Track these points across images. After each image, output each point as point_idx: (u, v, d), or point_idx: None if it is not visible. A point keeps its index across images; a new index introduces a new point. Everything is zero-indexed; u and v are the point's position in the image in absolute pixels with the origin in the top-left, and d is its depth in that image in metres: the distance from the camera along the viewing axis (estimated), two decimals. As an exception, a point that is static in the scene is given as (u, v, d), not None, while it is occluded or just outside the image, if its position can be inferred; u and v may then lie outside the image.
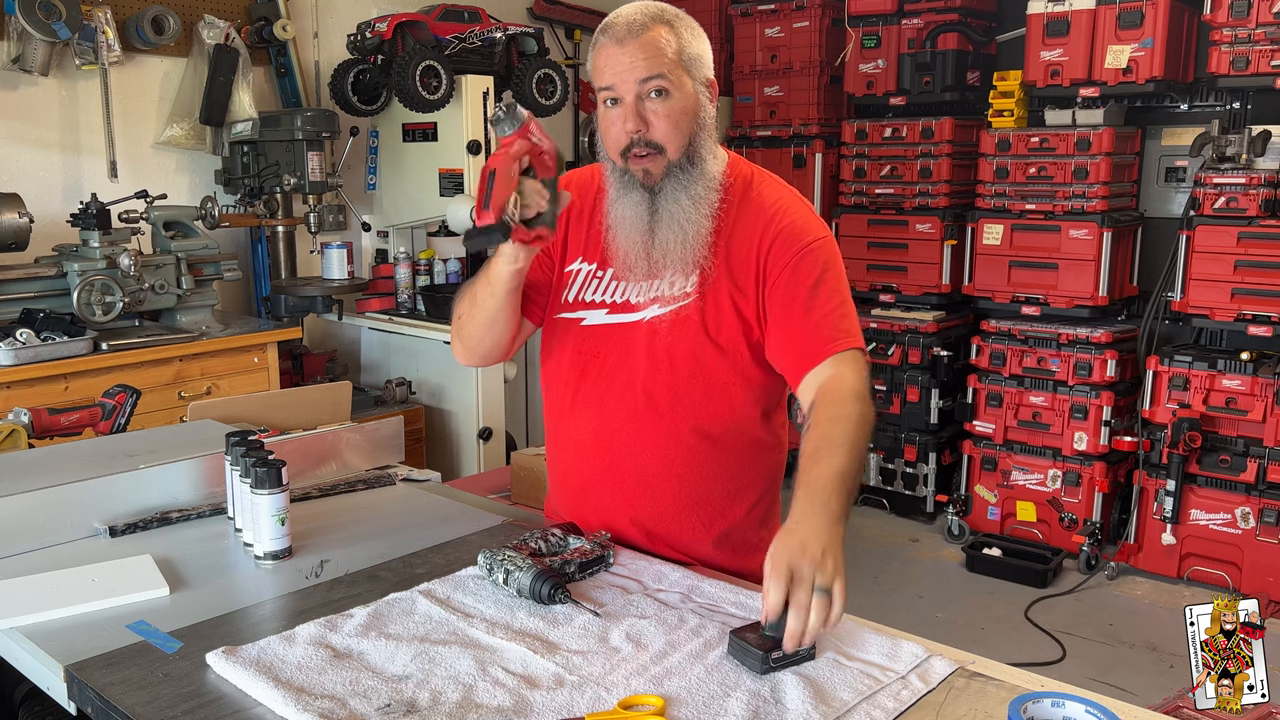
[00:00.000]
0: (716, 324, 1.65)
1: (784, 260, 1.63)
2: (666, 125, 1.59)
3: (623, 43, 1.57)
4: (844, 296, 1.65)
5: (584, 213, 1.74)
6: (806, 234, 1.65)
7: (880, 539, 4.62)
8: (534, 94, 4.26)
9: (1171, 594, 3.98)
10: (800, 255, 1.62)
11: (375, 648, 1.33)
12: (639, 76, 1.56)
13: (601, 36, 1.61)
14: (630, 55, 1.56)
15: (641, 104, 1.58)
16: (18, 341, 3.03)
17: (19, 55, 3.49)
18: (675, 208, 1.62)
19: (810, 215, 1.69)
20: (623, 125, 1.59)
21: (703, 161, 1.63)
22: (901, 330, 4.69)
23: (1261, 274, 3.78)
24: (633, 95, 1.57)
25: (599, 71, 1.61)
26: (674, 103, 1.58)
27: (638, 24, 1.58)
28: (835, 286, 1.63)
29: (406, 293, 4.27)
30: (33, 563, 1.62)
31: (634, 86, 1.57)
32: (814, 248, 1.63)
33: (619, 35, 1.58)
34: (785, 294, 1.62)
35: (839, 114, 5.16)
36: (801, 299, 1.61)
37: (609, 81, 1.59)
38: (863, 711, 1.21)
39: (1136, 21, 4.05)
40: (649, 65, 1.56)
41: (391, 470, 2.12)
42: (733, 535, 1.74)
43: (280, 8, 4.09)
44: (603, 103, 1.62)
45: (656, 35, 1.58)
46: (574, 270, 1.74)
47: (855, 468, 1.45)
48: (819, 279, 1.62)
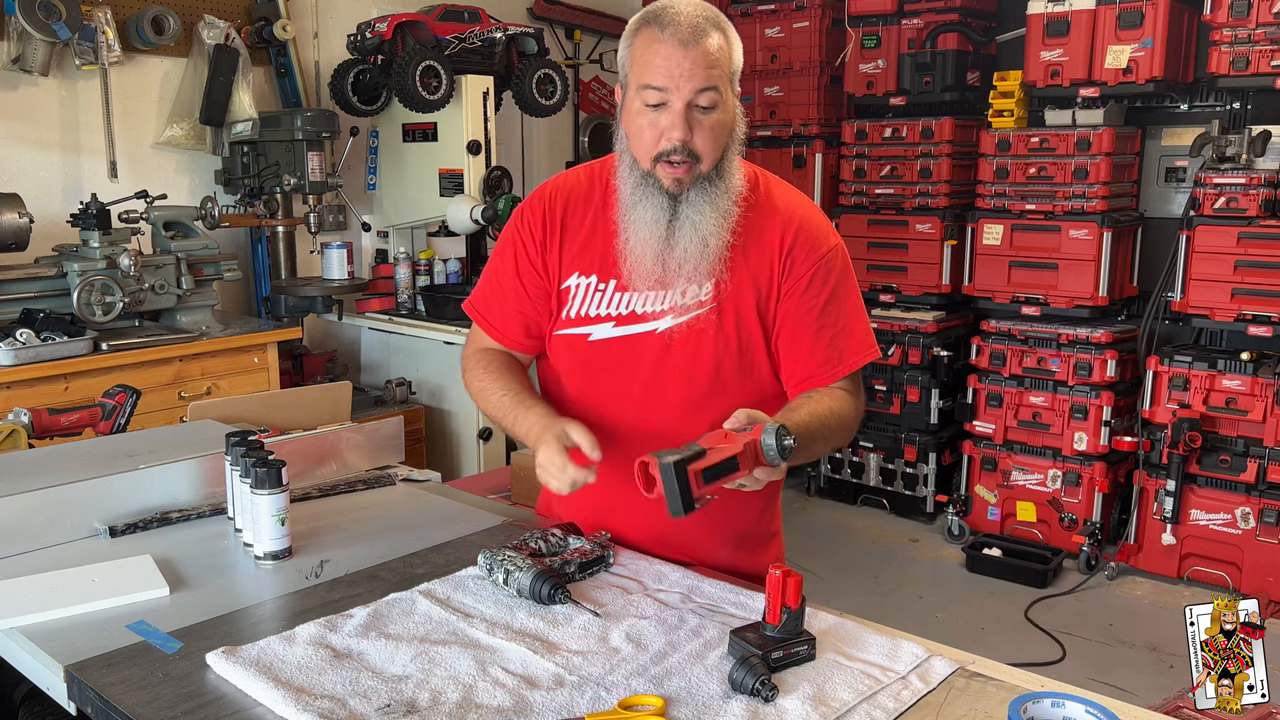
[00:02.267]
0: (737, 331, 1.63)
1: (803, 267, 1.63)
2: (709, 138, 1.54)
3: (686, 46, 1.48)
4: (854, 306, 1.67)
5: (585, 219, 1.68)
6: (825, 239, 1.66)
7: (880, 539, 4.62)
8: (534, 94, 4.26)
9: (1171, 594, 3.98)
10: (817, 266, 1.63)
11: (375, 648, 1.33)
12: (697, 86, 1.49)
13: (658, 30, 1.50)
14: (692, 61, 1.48)
15: (690, 113, 1.51)
16: (18, 341, 3.03)
17: (19, 55, 3.49)
18: (698, 217, 1.58)
19: (823, 218, 1.71)
20: (666, 131, 1.52)
21: (730, 175, 1.61)
22: (901, 330, 4.69)
23: (1261, 274, 3.78)
24: (684, 103, 1.50)
25: (649, 69, 1.50)
26: (718, 116, 1.54)
27: (701, 28, 1.50)
28: (845, 299, 1.66)
29: (406, 293, 4.28)
30: (33, 563, 1.62)
31: (689, 95, 1.50)
32: (829, 258, 1.64)
33: (683, 37, 1.48)
34: (798, 309, 1.63)
35: (839, 114, 5.16)
36: (813, 319, 1.63)
37: (662, 83, 1.49)
38: (863, 711, 1.21)
39: (1136, 21, 4.05)
40: (708, 75, 1.49)
41: (391, 470, 2.12)
42: (748, 537, 1.75)
43: (280, 8, 4.09)
44: (640, 101, 1.53)
45: (717, 43, 1.51)
46: (572, 286, 1.68)
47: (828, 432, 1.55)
48: (832, 294, 1.63)
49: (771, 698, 1.22)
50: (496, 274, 1.75)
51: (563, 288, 1.69)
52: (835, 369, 1.63)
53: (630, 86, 1.56)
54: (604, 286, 1.66)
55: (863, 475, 4.94)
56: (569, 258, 1.68)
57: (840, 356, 1.64)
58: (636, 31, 1.54)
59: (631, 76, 1.55)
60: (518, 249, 1.71)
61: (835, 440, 1.61)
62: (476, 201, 4.05)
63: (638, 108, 1.54)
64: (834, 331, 1.63)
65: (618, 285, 1.65)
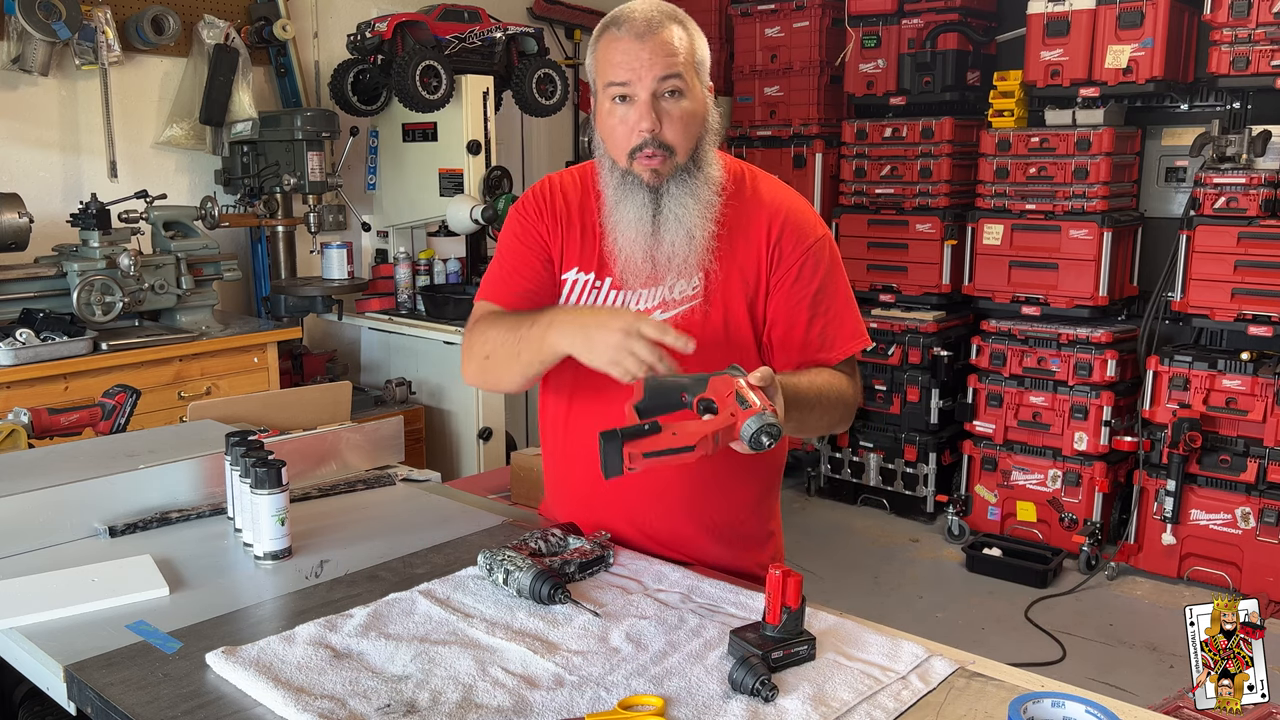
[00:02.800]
0: (725, 324, 1.64)
1: (792, 258, 1.64)
2: (679, 127, 1.56)
3: (642, 38, 1.52)
4: (845, 295, 1.69)
5: (577, 218, 1.69)
6: (812, 230, 1.67)
7: (880, 539, 4.62)
8: (534, 94, 4.26)
9: (1171, 594, 3.98)
10: (805, 256, 1.64)
11: (375, 648, 1.33)
12: (658, 74, 1.52)
13: (615, 29, 1.55)
14: (650, 52, 1.52)
15: (656, 103, 1.54)
16: (18, 341, 3.03)
17: (19, 55, 3.49)
18: (681, 210, 1.59)
19: (809, 209, 1.72)
20: (635, 124, 1.54)
21: (707, 165, 1.62)
22: (901, 330, 4.69)
23: (1261, 274, 3.78)
24: (649, 93, 1.53)
25: (611, 66, 1.54)
26: (687, 105, 1.56)
27: (656, 21, 1.54)
28: (835, 289, 1.68)
29: (406, 293, 4.27)
30: (33, 563, 1.62)
31: (651, 84, 1.52)
32: (816, 248, 1.66)
33: (638, 30, 1.53)
34: (789, 300, 1.64)
35: (839, 114, 5.16)
36: (805, 309, 1.64)
37: (624, 77, 1.53)
38: (863, 711, 1.21)
39: (1136, 21, 4.05)
40: (667, 64, 1.52)
41: (391, 470, 2.11)
42: (738, 533, 1.74)
43: (280, 8, 4.09)
44: (609, 100, 1.56)
45: (674, 34, 1.54)
46: (570, 279, 1.70)
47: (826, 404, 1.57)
48: (821, 285, 1.65)
49: (771, 698, 1.22)
50: (500, 255, 1.75)
51: (562, 278, 1.71)
52: (828, 356, 1.66)
53: (599, 90, 1.59)
54: (599, 284, 1.68)
55: (863, 475, 4.93)
56: (569, 251, 1.70)
57: (832, 344, 1.66)
58: (598, 38, 1.59)
59: (598, 79, 1.59)
60: (524, 228, 1.71)
61: (831, 415, 1.61)
62: (476, 201, 4.05)
63: (607, 108, 1.58)
64: (825, 320, 1.66)
65: (613, 284, 1.67)
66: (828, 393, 1.59)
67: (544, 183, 1.76)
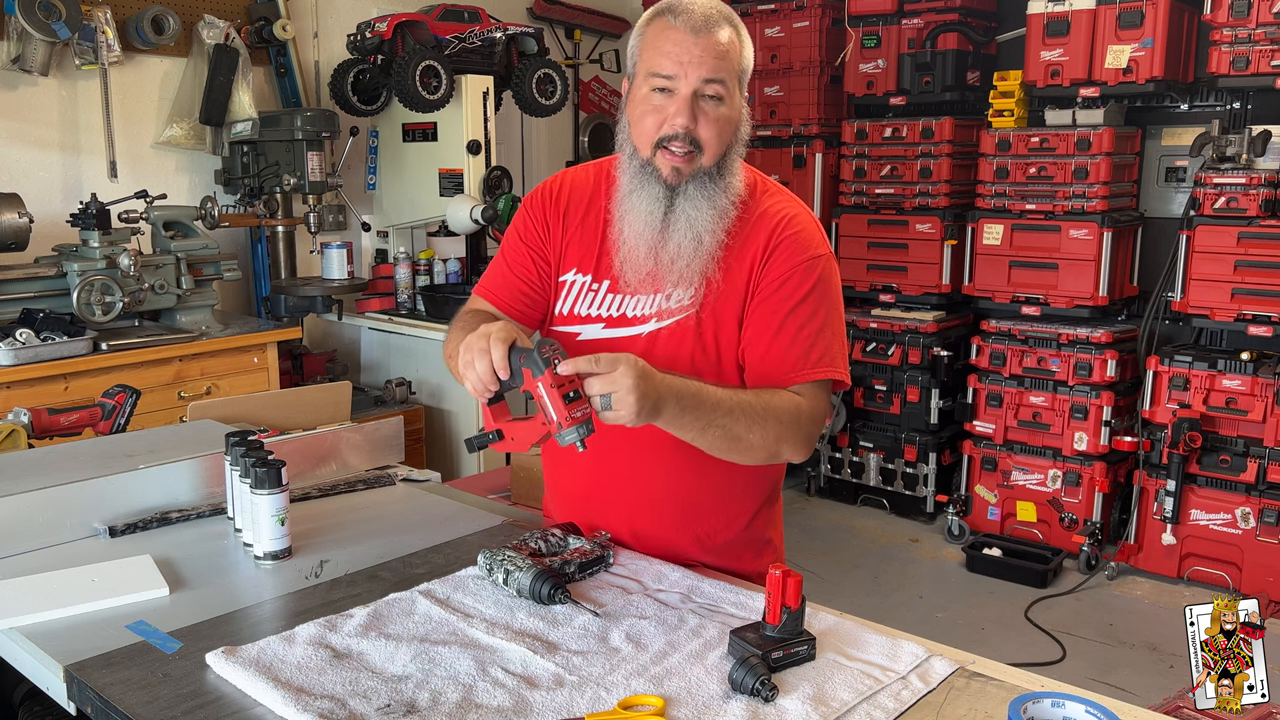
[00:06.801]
0: (715, 336, 1.61)
1: (776, 273, 1.58)
2: (714, 129, 1.53)
3: (697, 33, 1.49)
4: (825, 319, 1.58)
5: (580, 214, 1.68)
6: (806, 249, 1.60)
7: (880, 539, 4.62)
8: (534, 94, 4.26)
9: (1171, 594, 3.98)
10: (791, 271, 1.58)
11: (375, 648, 1.33)
12: (704, 74, 1.50)
13: (670, 18, 1.52)
14: (701, 49, 1.49)
15: (695, 102, 1.51)
16: (18, 341, 3.03)
17: (19, 55, 3.49)
18: (694, 212, 1.56)
19: (815, 230, 1.64)
20: (671, 117, 1.52)
21: (730, 174, 1.59)
22: (901, 330, 4.69)
23: (1261, 274, 3.78)
24: (691, 90, 1.51)
25: (659, 55, 1.51)
26: (724, 110, 1.54)
27: (714, 19, 1.51)
28: (817, 308, 1.57)
29: (406, 293, 4.28)
30: (33, 563, 1.62)
31: (695, 82, 1.50)
32: (806, 266, 1.58)
33: (695, 24, 1.50)
34: (765, 310, 1.58)
35: (839, 114, 5.16)
36: (777, 319, 1.57)
37: (671, 70, 1.50)
38: (863, 711, 1.21)
39: (1136, 21, 4.05)
40: (716, 66, 1.50)
41: (391, 470, 2.11)
42: (734, 546, 1.73)
43: (280, 8, 4.09)
44: (647, 88, 1.53)
45: (729, 36, 1.52)
46: (569, 281, 1.68)
47: (734, 422, 1.47)
48: (802, 299, 1.57)
49: (771, 698, 1.22)
50: (502, 250, 1.76)
51: (561, 279, 1.69)
52: (788, 376, 1.55)
53: (638, 75, 1.56)
54: (597, 287, 1.66)
55: (863, 475, 4.94)
56: (570, 250, 1.69)
57: (797, 364, 1.55)
58: (649, 22, 1.56)
59: (640, 64, 1.56)
60: (526, 226, 1.72)
61: (742, 421, 1.48)
62: (476, 201, 4.05)
63: (644, 94, 1.54)
64: (793, 337, 1.56)
65: (610, 287, 1.65)
66: (741, 397, 1.48)
67: (555, 178, 1.75)
